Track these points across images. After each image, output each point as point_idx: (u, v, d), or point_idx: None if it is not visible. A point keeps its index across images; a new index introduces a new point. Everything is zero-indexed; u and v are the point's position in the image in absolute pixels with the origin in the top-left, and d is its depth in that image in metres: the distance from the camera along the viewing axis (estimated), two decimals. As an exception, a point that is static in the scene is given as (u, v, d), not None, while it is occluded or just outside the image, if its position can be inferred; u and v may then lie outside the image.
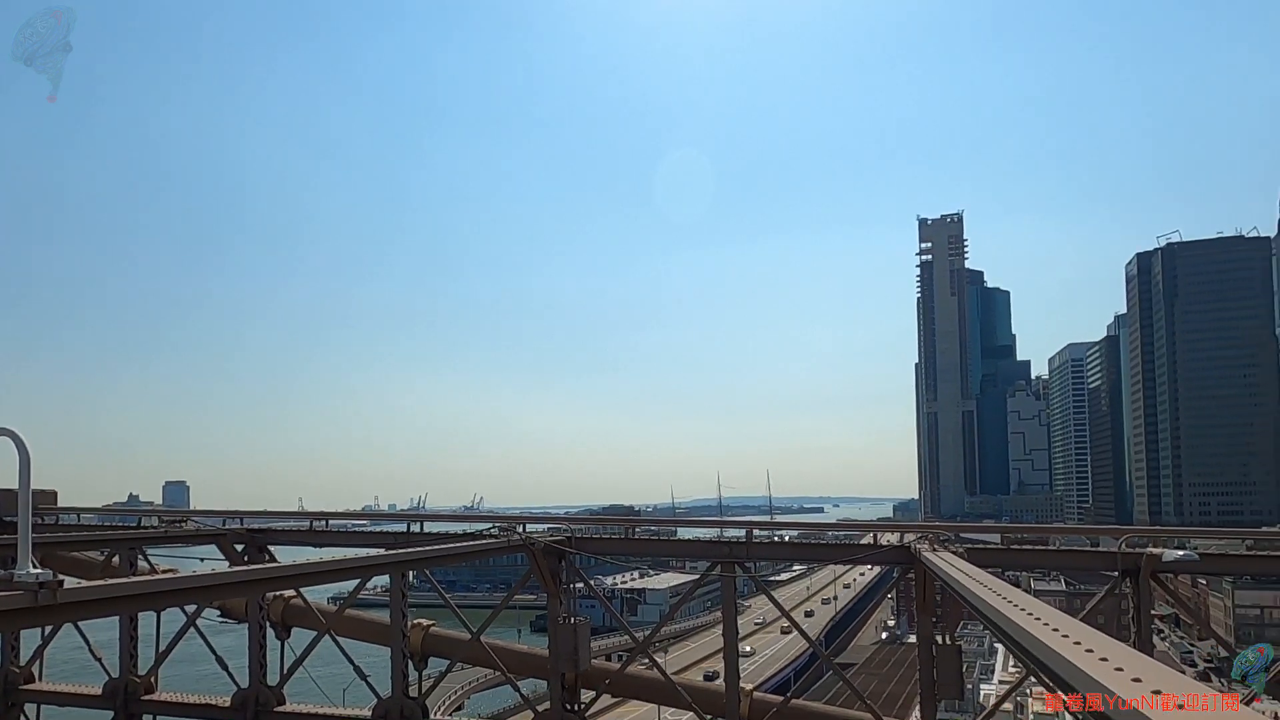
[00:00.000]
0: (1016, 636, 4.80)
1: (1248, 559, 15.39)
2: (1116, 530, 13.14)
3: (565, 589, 13.70)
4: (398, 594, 14.14)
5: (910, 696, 68.53)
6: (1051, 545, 18.66)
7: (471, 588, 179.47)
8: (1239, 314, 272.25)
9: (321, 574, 10.13)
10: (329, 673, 16.08)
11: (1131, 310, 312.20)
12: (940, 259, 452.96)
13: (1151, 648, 11.57)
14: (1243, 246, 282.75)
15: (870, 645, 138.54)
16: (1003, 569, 17.61)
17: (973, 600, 6.79)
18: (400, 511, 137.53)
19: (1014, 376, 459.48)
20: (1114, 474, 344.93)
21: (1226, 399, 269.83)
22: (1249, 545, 17.32)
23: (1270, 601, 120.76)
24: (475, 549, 13.80)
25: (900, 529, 14.51)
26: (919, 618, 11.88)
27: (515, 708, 79.62)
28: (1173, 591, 11.88)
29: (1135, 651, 3.72)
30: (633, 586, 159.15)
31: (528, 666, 14.90)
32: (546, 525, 16.06)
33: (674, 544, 19.36)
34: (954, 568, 8.71)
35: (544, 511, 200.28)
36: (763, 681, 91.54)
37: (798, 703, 13.12)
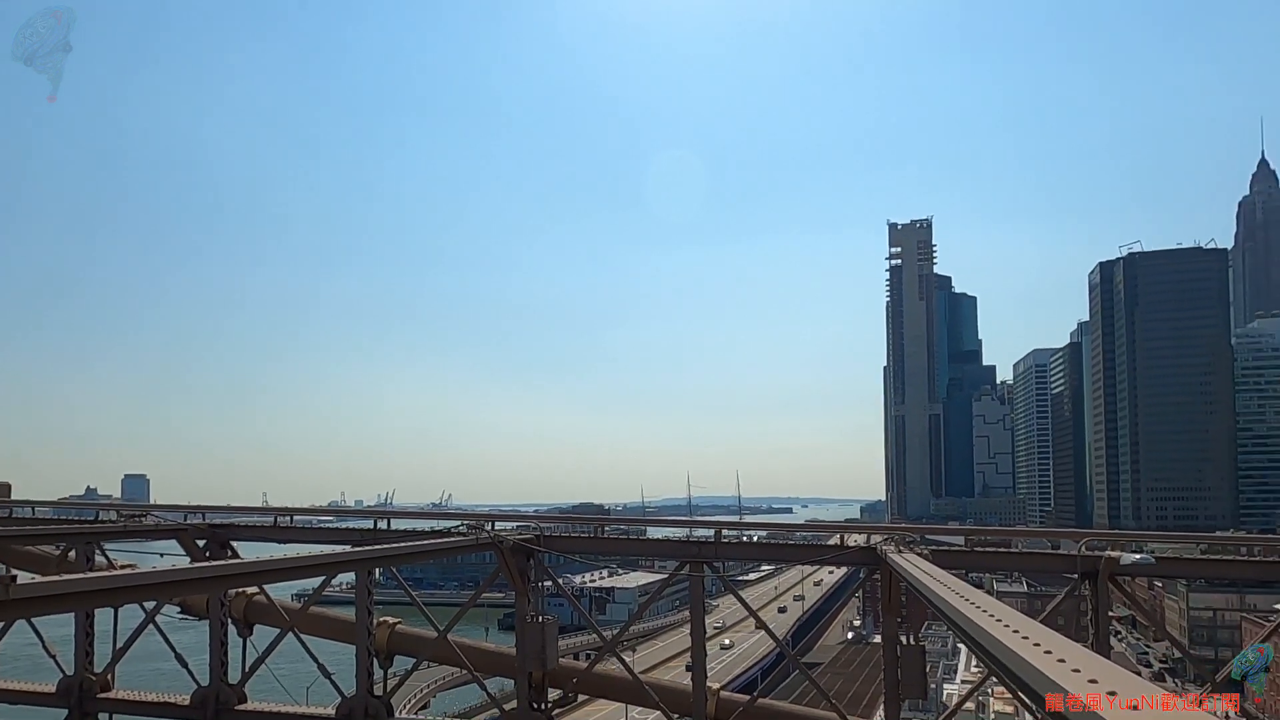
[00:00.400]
0: (977, 637, 4.89)
1: (1202, 562, 15.79)
2: (1076, 533, 13.43)
3: (533, 587, 13.67)
4: (363, 591, 14.01)
5: (875, 695, 69.30)
6: (1014, 548, 19.00)
7: (439, 585, 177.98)
8: (1197, 323, 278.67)
9: (285, 571, 10.01)
10: (292, 671, 15.88)
11: (1094, 318, 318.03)
12: (909, 264, 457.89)
13: (1109, 649, 11.80)
14: (1201, 257, 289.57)
15: (836, 645, 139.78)
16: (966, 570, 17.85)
17: (936, 601, 6.89)
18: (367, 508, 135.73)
19: (980, 381, 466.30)
20: (1075, 478, 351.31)
21: (1184, 406, 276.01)
22: (1203, 549, 17.79)
23: (1223, 604, 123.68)
24: (443, 547, 13.71)
25: (867, 530, 14.67)
26: (884, 618, 12.03)
27: (482, 706, 79.11)
28: (1130, 594, 12.13)
29: (1091, 653, 3.81)
30: (602, 585, 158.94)
31: (495, 665, 14.84)
32: (515, 523, 15.99)
33: (643, 543, 19.41)
34: (918, 569, 8.83)
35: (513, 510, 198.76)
36: (730, 680, 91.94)
37: (764, 702, 13.22)
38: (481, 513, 18.31)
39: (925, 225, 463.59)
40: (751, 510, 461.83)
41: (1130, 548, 12.38)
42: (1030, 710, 3.90)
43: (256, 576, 10.39)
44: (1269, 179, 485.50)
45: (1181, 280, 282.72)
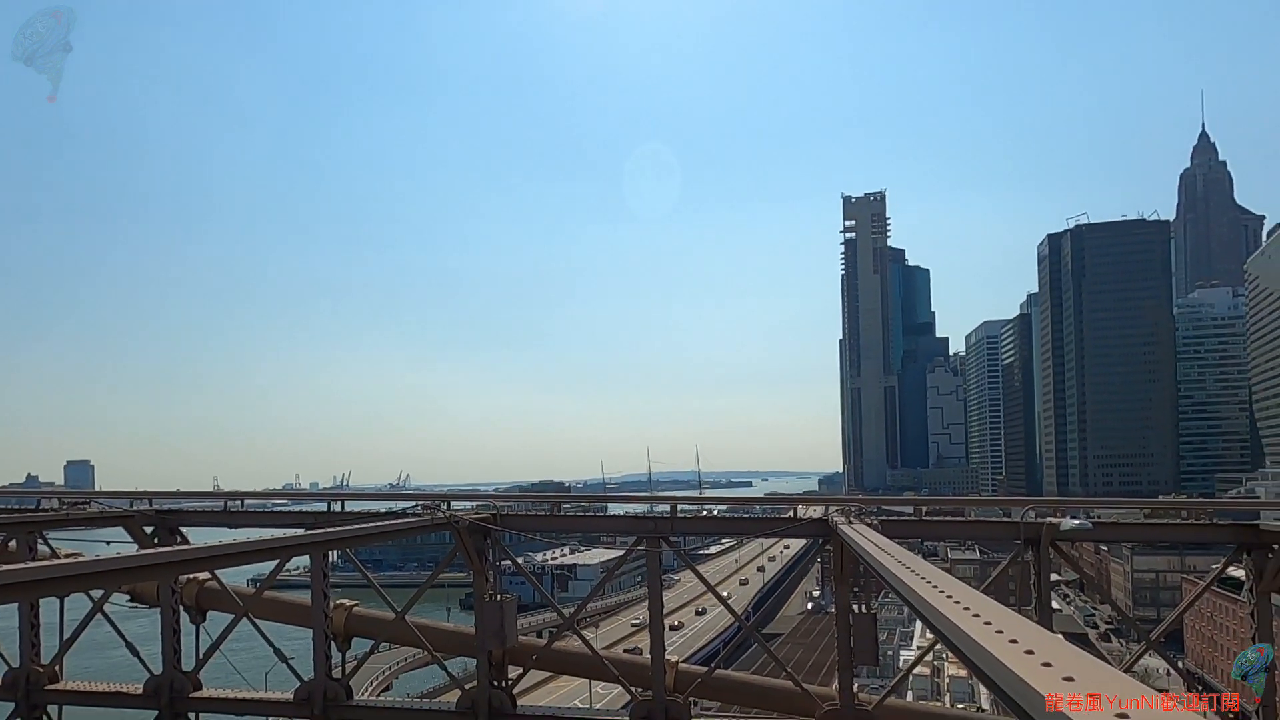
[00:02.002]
0: (915, 604, 5.06)
1: (1139, 526, 16.39)
2: (1024, 501, 13.83)
3: (491, 566, 13.69)
4: (319, 574, 13.90)
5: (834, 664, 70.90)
6: (966, 516, 19.52)
7: (397, 567, 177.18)
8: (1140, 294, 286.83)
9: (238, 555, 9.89)
10: (248, 656, 15.74)
11: (1042, 289, 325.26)
12: (864, 237, 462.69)
13: (1051, 611, 12.23)
14: (1144, 229, 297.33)
15: (796, 615, 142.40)
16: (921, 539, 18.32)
17: (880, 570, 7.08)
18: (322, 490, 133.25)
19: (933, 353, 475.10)
20: (1026, 446, 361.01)
21: (1128, 375, 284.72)
22: (1145, 514, 18.46)
23: (1165, 566, 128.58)
24: (399, 528, 13.64)
25: (823, 502, 14.94)
26: (837, 588, 12.30)
27: (443, 687, 79.12)
28: (1074, 559, 12.56)
29: (1020, 616, 3.97)
30: (562, 563, 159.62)
31: (455, 645, 14.86)
32: (473, 503, 15.96)
33: (599, 520, 19.50)
34: (866, 540, 9.04)
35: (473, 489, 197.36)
36: (692, 653, 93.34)
37: (722, 673, 13.46)
38: (439, 493, 18.24)
39: (879, 199, 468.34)
40: (712, 485, 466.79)
41: (1074, 514, 12.78)
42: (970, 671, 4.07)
43: (208, 562, 10.23)
44: (1209, 151, 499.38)
45: (1126, 252, 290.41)
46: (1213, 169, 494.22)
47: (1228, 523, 12.85)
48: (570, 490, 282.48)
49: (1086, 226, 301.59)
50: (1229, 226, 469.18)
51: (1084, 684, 2.62)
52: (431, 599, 17.58)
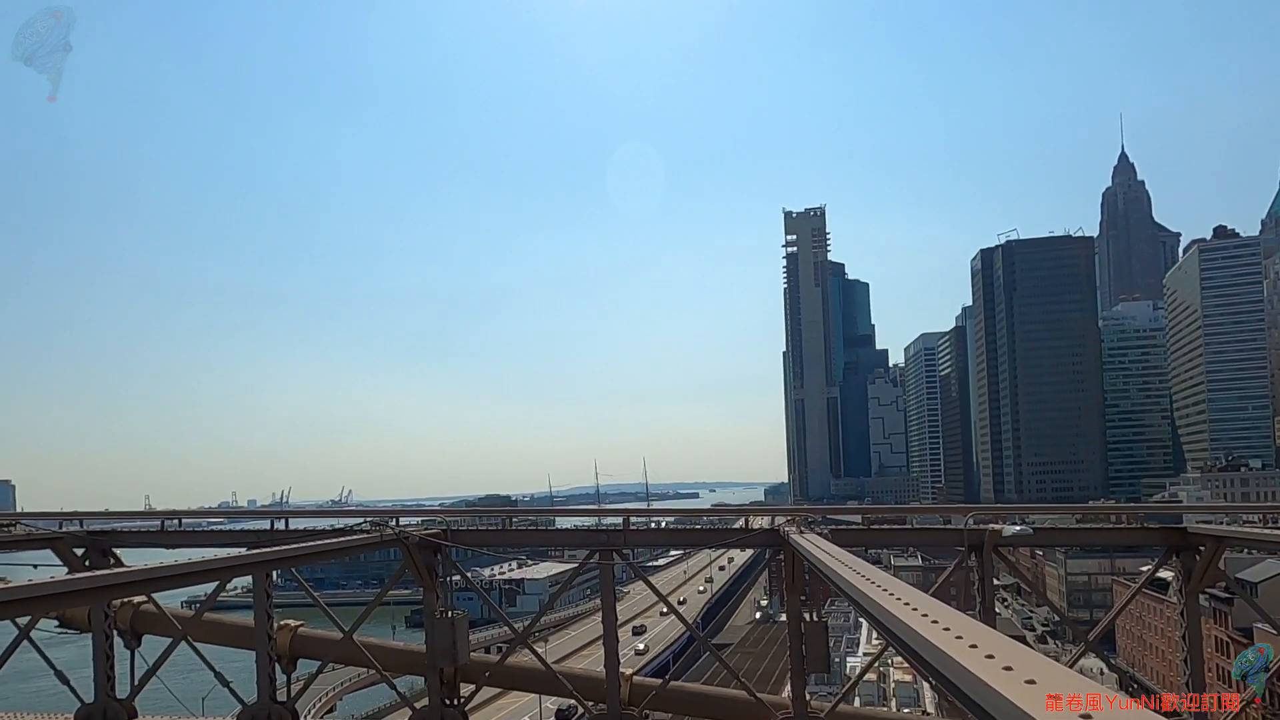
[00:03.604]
0: (872, 611, 5.16)
1: (1075, 531, 17.00)
2: (964, 508, 14.22)
3: (441, 583, 13.48)
4: (261, 595, 13.50)
5: (784, 672, 71.47)
6: (908, 524, 19.93)
7: (341, 585, 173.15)
8: (1068, 307, 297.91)
9: (175, 577, 9.55)
10: (188, 681, 15.16)
11: (976, 303, 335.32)
12: (805, 251, 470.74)
13: (994, 615, 12.56)
14: (1070, 245, 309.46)
15: (745, 625, 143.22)
16: (865, 548, 18.64)
17: (835, 579, 7.21)
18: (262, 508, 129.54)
19: (874, 364, 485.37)
20: (963, 455, 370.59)
21: (1058, 385, 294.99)
22: (1078, 519, 19.13)
23: (1096, 569, 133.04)
24: (346, 545, 13.34)
25: (771, 512, 15.11)
26: (788, 597, 12.44)
27: (392, 706, 77.48)
28: (1013, 563, 12.94)
29: (973, 620, 4.09)
30: (511, 577, 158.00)
31: (404, 663, 14.57)
32: (420, 518, 15.71)
33: (551, 534, 19.35)
34: (818, 549, 9.19)
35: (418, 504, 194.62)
36: (643, 666, 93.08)
37: (676, 684, 13.47)
38: (385, 509, 17.89)
39: (819, 214, 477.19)
40: (659, 496, 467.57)
41: (1012, 520, 13.15)
42: (926, 678, 4.17)
43: (144, 585, 9.85)
44: (1129, 171, 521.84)
45: (1054, 267, 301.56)
46: (1132, 188, 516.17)
47: (1157, 526, 13.38)
48: (518, 504, 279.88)
49: (1017, 242, 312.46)
50: (1148, 243, 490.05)
51: (1045, 686, 2.73)
52: (377, 617, 17.19)
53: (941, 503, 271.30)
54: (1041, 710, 2.48)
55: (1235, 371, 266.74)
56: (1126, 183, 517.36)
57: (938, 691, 3.69)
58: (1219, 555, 11.73)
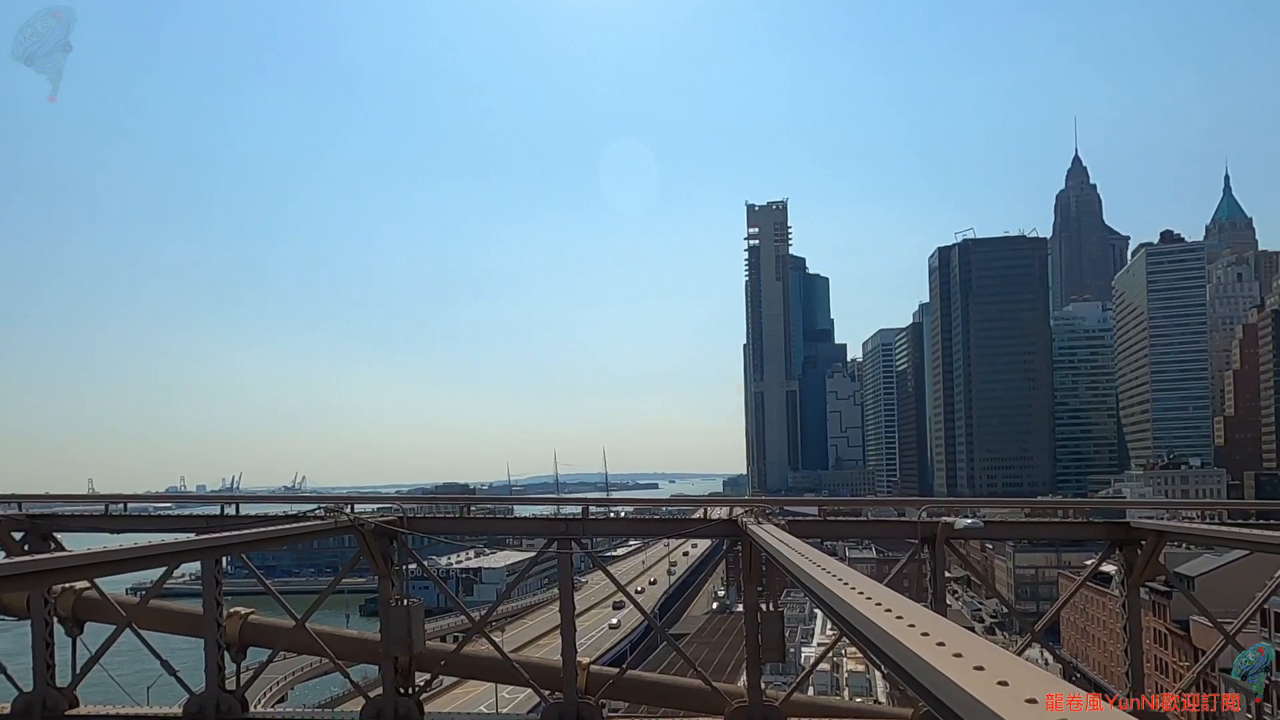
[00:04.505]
0: (829, 601, 5.22)
1: (1024, 525, 17.43)
2: (918, 501, 14.49)
3: (397, 571, 13.34)
4: (210, 581, 13.24)
5: (740, 661, 72.15)
6: (864, 516, 20.25)
7: (294, 573, 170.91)
8: (1021, 306, 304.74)
9: (120, 562, 9.29)
10: (132, 670, 14.80)
11: (933, 300, 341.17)
12: (767, 244, 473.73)
13: (945, 607, 12.81)
14: (1025, 245, 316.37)
15: (702, 615, 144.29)
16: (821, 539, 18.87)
17: (791, 569, 7.28)
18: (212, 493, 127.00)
19: (833, 359, 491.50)
20: (918, 449, 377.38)
21: (1010, 382, 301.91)
22: (1026, 513, 19.63)
23: (1043, 563, 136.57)
24: (299, 531, 13.13)
25: (729, 503, 15.21)
26: (745, 587, 12.55)
27: (344, 695, 76.55)
28: (964, 556, 13.21)
29: (929, 611, 4.16)
30: (469, 566, 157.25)
31: (358, 652, 14.41)
32: (376, 505, 15.52)
33: (510, 522, 19.32)
34: (776, 539, 9.27)
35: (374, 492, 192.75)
36: (600, 655, 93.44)
37: (633, 673, 13.52)
38: (339, 495, 17.64)
39: (781, 207, 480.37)
40: (619, 486, 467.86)
41: (964, 513, 13.41)
42: (877, 666, 4.24)
43: (86, 570, 9.57)
44: (1081, 174, 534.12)
45: (1008, 266, 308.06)
46: (1084, 191, 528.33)
47: (1101, 521, 13.76)
48: (476, 492, 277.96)
49: (973, 241, 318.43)
50: (1099, 245, 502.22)
51: (994, 673, 2.78)
52: (331, 605, 16.98)
53: (896, 496, 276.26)
54: (990, 695, 2.53)
55: (1178, 373, 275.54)
56: (1079, 186, 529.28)
57: (890, 680, 3.77)
58: (1159, 550, 12.09)
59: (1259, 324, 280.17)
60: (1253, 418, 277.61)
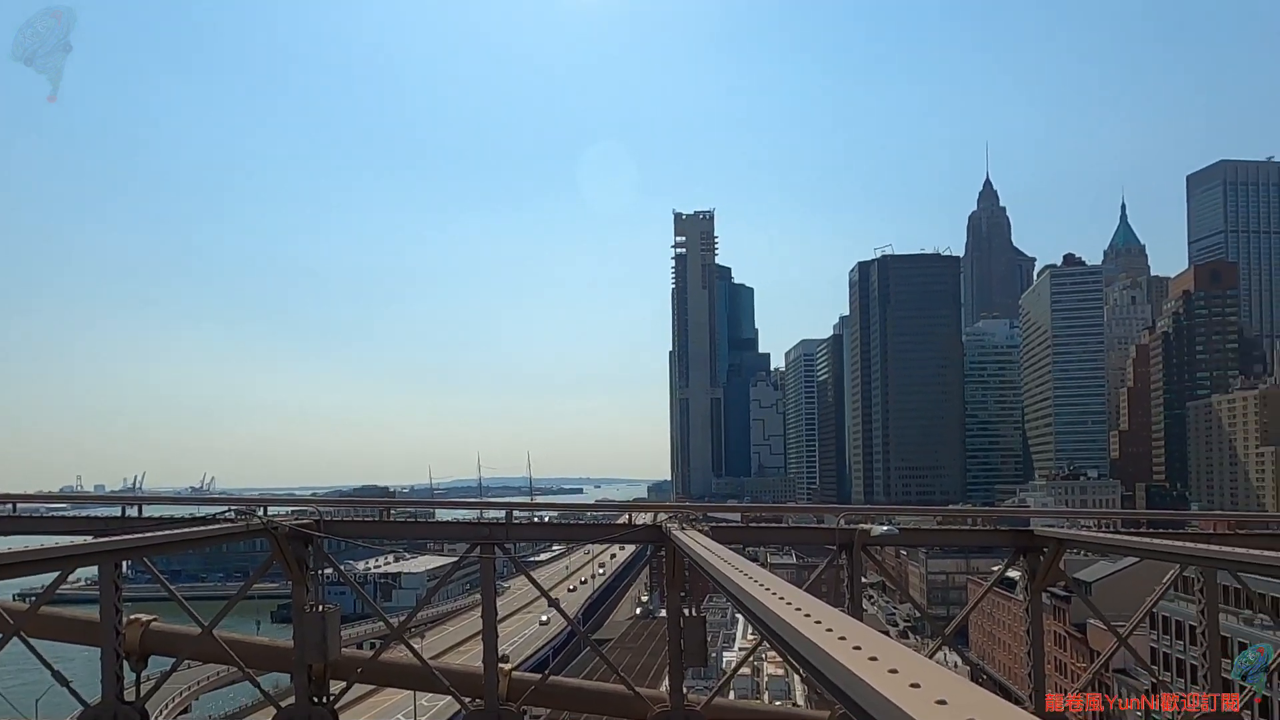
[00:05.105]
0: (750, 606, 5.33)
1: (936, 532, 18.06)
2: (836, 509, 14.87)
3: (312, 575, 12.96)
4: (109, 587, 12.60)
5: (662, 666, 72.43)
6: (785, 523, 20.65)
7: (201, 578, 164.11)
8: (936, 321, 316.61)
9: (11, 566, 8.81)
10: (19, 682, 13.96)
11: (853, 312, 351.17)
12: (693, 253, 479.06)
13: (862, 611, 13.18)
14: (940, 263, 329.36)
15: (626, 620, 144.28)
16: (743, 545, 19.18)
17: (714, 575, 7.39)
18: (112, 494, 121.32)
19: (756, 367, 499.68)
20: (837, 457, 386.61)
21: (924, 394, 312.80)
22: (938, 521, 20.35)
23: (954, 569, 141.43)
24: (207, 535, 12.64)
25: (653, 509, 15.32)
26: (668, 592, 12.65)
27: (255, 705, 73.77)
28: (880, 562, 13.61)
29: (846, 616, 4.30)
30: (388, 571, 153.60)
31: (269, 660, 13.92)
32: (291, 508, 15.07)
33: (431, 526, 18.96)
34: (699, 545, 9.39)
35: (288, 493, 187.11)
36: (523, 661, 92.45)
37: (555, 679, 13.46)
38: (251, 497, 17.04)
39: (708, 217, 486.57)
40: (543, 491, 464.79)
41: (880, 521, 13.83)
42: (796, 670, 4.35)
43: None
44: (992, 197, 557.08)
45: (924, 282, 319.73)
46: (994, 214, 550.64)
47: (1007, 529, 14.39)
48: (396, 495, 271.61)
49: (891, 257, 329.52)
50: (1007, 265, 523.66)
51: (907, 675, 2.89)
52: (240, 611, 16.34)
53: (816, 503, 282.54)
54: (903, 697, 2.63)
55: (1077, 388, 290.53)
56: (990, 208, 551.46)
57: (808, 683, 3.86)
58: (1060, 557, 12.72)
59: (1150, 345, 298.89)
60: (1144, 433, 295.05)
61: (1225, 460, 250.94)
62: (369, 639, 79.13)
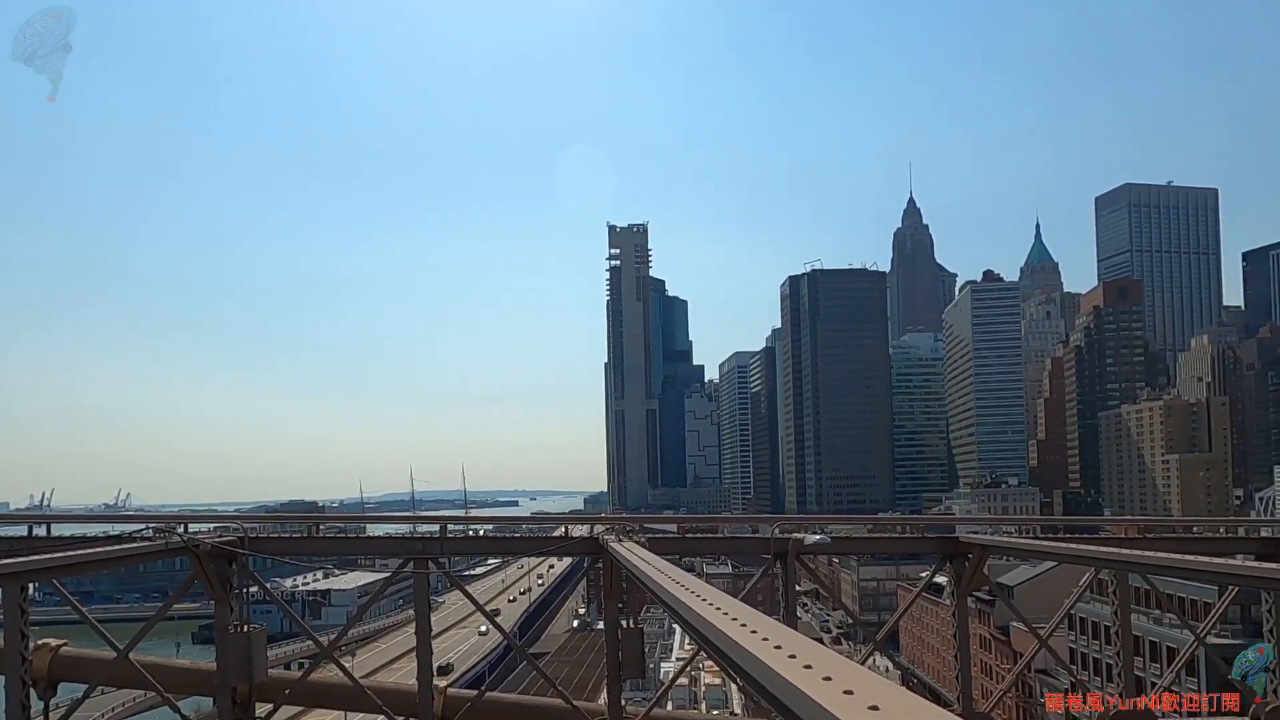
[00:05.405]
0: (686, 617, 5.38)
1: (867, 540, 18.51)
2: (770, 518, 15.13)
3: (236, 594, 12.52)
4: (14, 610, 11.91)
5: (600, 679, 72.04)
6: (720, 533, 20.86)
7: (116, 599, 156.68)
8: (864, 335, 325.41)
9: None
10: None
11: (785, 325, 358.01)
12: (628, 265, 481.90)
13: (796, 619, 13.39)
14: (867, 278, 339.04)
15: (563, 633, 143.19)
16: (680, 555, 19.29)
17: (652, 586, 7.43)
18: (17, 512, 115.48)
19: (691, 379, 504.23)
20: (771, 468, 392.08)
21: (854, 406, 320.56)
22: (869, 529, 20.85)
23: (884, 575, 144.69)
24: (122, 554, 12.10)
25: (590, 521, 15.30)
26: (606, 604, 12.63)
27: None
28: (813, 570, 13.88)
29: (780, 625, 4.39)
30: (317, 588, 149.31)
31: (191, 683, 13.37)
32: (213, 524, 14.57)
33: (363, 541, 18.54)
34: (636, 557, 9.42)
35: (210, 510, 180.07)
36: (459, 677, 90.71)
37: (492, 695, 13.27)
38: (171, 514, 16.41)
39: (642, 230, 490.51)
40: (478, 504, 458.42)
41: (813, 530, 14.09)
42: (734, 679, 4.41)
43: None
44: (916, 215, 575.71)
45: (852, 296, 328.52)
46: (918, 231, 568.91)
47: (934, 536, 14.84)
48: (325, 510, 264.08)
49: (821, 272, 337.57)
50: (931, 281, 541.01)
51: (841, 683, 2.98)
52: (159, 633, 15.70)
53: (751, 513, 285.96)
54: (838, 704, 2.71)
55: (998, 399, 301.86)
56: (914, 225, 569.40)
57: (745, 692, 3.92)
58: (984, 562, 13.16)
59: (1064, 358, 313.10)
60: (1060, 441, 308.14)
61: (1134, 467, 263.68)
62: (298, 659, 76.61)
